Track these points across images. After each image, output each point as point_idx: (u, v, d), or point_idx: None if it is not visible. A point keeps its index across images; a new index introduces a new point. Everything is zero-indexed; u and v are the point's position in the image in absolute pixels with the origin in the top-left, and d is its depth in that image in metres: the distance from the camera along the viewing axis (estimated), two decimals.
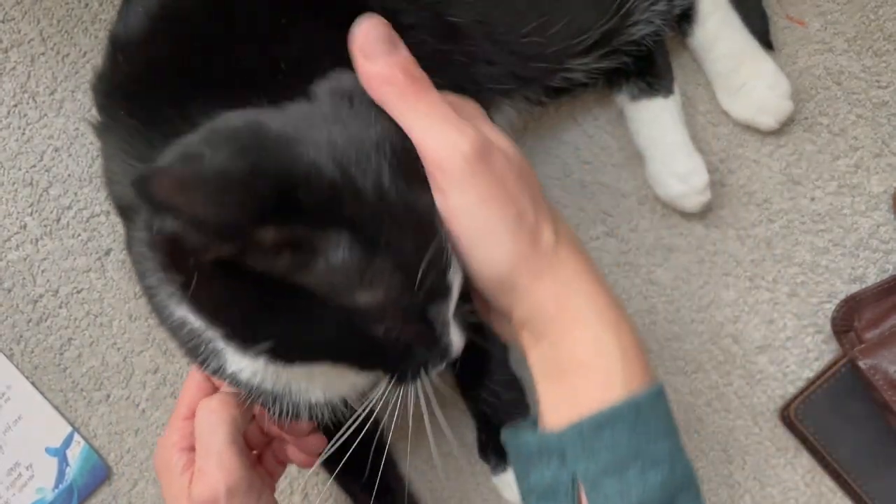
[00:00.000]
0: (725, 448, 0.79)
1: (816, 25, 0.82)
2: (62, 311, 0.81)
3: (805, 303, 0.80)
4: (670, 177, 0.77)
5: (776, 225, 0.80)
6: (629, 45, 0.75)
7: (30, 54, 0.84)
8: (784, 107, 0.78)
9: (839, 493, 0.77)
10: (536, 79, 0.73)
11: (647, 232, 0.81)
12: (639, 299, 0.80)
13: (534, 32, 0.69)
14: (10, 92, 0.83)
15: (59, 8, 0.84)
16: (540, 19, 0.69)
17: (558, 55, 0.71)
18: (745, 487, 0.78)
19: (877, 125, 0.81)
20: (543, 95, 0.77)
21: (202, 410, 0.54)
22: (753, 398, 0.79)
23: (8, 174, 0.82)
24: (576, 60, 0.73)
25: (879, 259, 0.80)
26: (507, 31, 0.68)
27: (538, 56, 0.71)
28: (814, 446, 0.77)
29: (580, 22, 0.71)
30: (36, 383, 0.80)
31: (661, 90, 0.78)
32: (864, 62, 0.81)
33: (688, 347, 0.80)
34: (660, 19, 0.76)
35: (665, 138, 0.78)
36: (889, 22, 0.81)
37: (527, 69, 0.71)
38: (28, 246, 0.81)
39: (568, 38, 0.71)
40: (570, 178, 0.82)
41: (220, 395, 0.55)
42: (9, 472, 0.79)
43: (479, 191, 0.45)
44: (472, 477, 0.79)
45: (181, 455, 0.54)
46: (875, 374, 0.72)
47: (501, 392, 0.75)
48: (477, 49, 0.68)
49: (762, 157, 0.81)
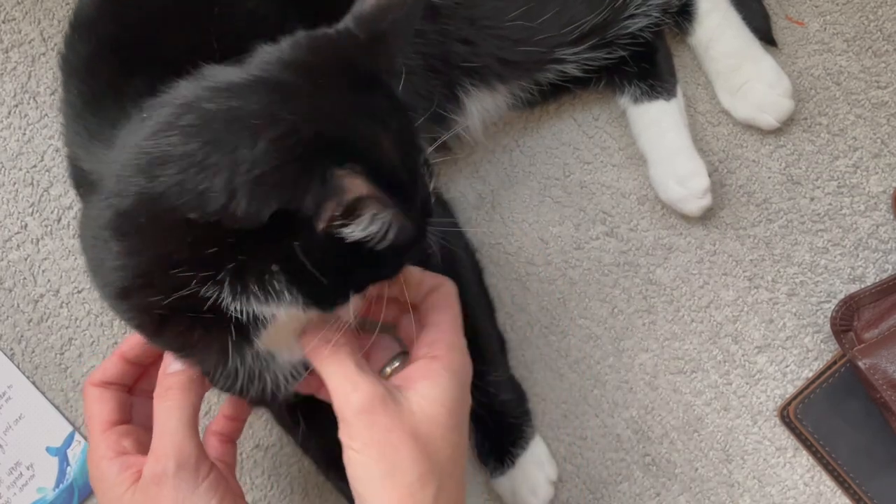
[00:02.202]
0: (725, 447, 0.79)
1: (816, 26, 0.82)
2: (63, 310, 0.81)
3: (804, 303, 0.80)
4: (670, 180, 0.77)
5: (775, 225, 0.81)
6: (625, 38, 0.75)
7: (30, 54, 0.84)
8: (785, 105, 0.78)
9: (838, 493, 0.78)
10: (524, 65, 0.74)
11: (647, 232, 0.81)
12: (639, 299, 0.81)
13: (520, 17, 0.70)
14: (11, 92, 0.83)
15: (59, 8, 0.84)
16: (528, 4, 0.70)
17: (547, 42, 0.72)
18: (745, 487, 0.78)
19: (876, 125, 0.81)
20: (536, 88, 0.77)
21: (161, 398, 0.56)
22: (753, 398, 0.79)
23: (9, 174, 0.82)
24: (566, 49, 0.73)
25: (878, 259, 0.80)
26: (491, 14, 0.70)
27: (524, 41, 0.71)
28: (813, 446, 0.77)
29: (572, 11, 0.72)
30: (37, 383, 0.80)
31: (664, 93, 0.78)
32: (863, 62, 0.81)
33: (687, 347, 0.80)
34: (657, 13, 0.76)
35: (666, 141, 0.78)
36: (888, 22, 0.82)
37: (513, 53, 0.72)
38: (29, 246, 0.81)
39: (558, 26, 0.72)
40: (570, 178, 0.82)
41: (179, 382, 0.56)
42: (10, 471, 0.79)
43: (362, 440, 0.52)
44: (472, 477, 0.79)
45: (111, 463, 0.56)
46: (874, 373, 0.73)
47: (497, 393, 0.74)
48: (453, 28, 0.69)
49: (762, 157, 0.81)
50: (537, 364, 0.80)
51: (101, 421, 0.58)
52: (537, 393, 0.80)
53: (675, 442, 0.79)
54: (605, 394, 0.80)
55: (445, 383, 0.55)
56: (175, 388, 0.56)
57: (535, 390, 0.80)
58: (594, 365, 0.80)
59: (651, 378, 0.80)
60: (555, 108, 0.83)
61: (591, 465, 0.79)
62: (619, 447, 0.79)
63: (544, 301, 0.81)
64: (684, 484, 0.79)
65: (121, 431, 0.58)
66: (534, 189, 0.82)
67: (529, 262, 0.82)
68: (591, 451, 0.79)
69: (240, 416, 0.66)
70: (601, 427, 0.80)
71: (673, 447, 0.79)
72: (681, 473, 0.79)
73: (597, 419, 0.80)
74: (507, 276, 0.82)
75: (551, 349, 0.80)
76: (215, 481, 0.55)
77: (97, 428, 0.58)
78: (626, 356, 0.80)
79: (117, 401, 0.60)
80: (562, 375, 0.80)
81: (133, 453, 0.57)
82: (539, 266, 0.81)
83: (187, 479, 0.54)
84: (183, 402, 0.56)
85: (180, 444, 0.54)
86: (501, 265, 0.82)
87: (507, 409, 0.75)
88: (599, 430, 0.80)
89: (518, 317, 0.81)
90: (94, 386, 0.60)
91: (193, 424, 0.56)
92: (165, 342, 0.56)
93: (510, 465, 0.74)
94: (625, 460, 0.79)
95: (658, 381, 0.80)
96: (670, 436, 0.79)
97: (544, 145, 0.83)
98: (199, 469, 0.54)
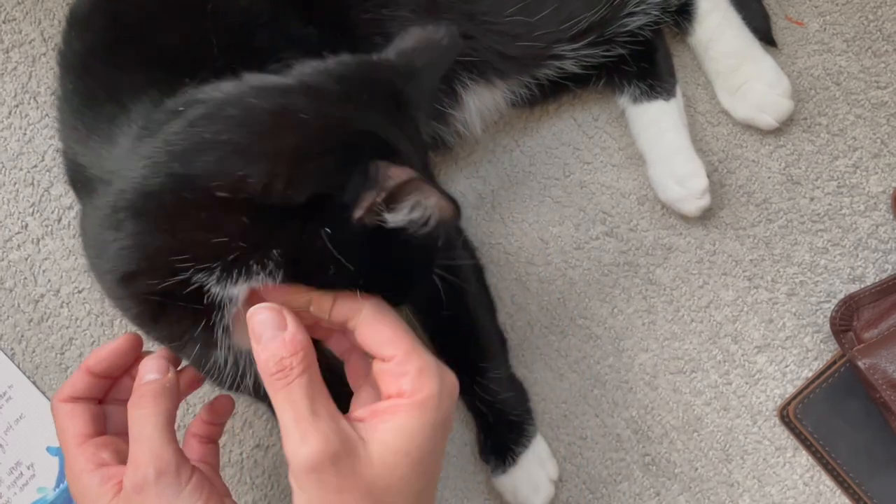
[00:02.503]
0: (724, 447, 0.79)
1: (815, 26, 0.82)
2: (63, 310, 0.81)
3: (804, 302, 0.80)
4: (669, 180, 0.78)
5: (775, 225, 0.81)
6: (624, 35, 0.75)
7: (31, 55, 0.84)
8: (784, 106, 0.79)
9: (838, 492, 0.78)
10: (522, 60, 0.74)
11: (647, 232, 0.81)
12: (638, 299, 0.81)
13: (519, 13, 0.71)
14: (12, 92, 0.83)
15: (60, 8, 0.84)
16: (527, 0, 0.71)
17: (545, 38, 0.73)
18: (744, 487, 0.78)
19: (876, 125, 0.81)
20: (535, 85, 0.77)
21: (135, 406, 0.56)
22: (752, 397, 0.79)
23: (9, 174, 0.82)
24: (565, 46, 0.73)
25: (878, 259, 0.80)
26: (490, 9, 0.71)
27: (523, 36, 0.72)
28: (813, 445, 0.77)
29: (571, 8, 0.72)
30: (37, 383, 0.80)
31: (663, 93, 0.78)
32: (862, 63, 0.82)
33: (687, 347, 0.80)
34: (656, 11, 0.76)
35: (665, 141, 0.78)
36: (888, 23, 0.82)
37: (511, 48, 0.72)
38: (29, 246, 0.81)
39: (556, 22, 0.72)
40: (570, 178, 0.82)
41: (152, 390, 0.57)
42: (10, 471, 0.79)
43: (309, 497, 0.49)
44: (472, 476, 0.79)
45: (91, 476, 0.56)
46: (874, 373, 0.73)
47: (498, 391, 0.74)
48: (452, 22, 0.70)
49: (761, 157, 0.81)
50: (537, 364, 0.80)
51: (76, 435, 0.58)
52: (537, 393, 0.80)
53: (674, 442, 0.79)
54: (605, 394, 0.80)
55: (413, 427, 0.50)
56: (148, 395, 0.56)
57: (535, 390, 0.80)
58: (594, 365, 0.80)
59: (651, 378, 0.80)
60: (555, 108, 0.83)
61: (591, 464, 0.79)
62: (619, 447, 0.79)
63: (544, 301, 0.81)
64: (684, 483, 0.79)
65: (98, 443, 0.58)
66: (534, 189, 0.82)
67: (529, 262, 0.82)
68: (591, 450, 0.79)
69: (217, 420, 0.66)
70: (601, 427, 0.80)
71: (673, 447, 0.79)
72: (680, 473, 0.79)
73: (597, 419, 0.80)
74: (507, 276, 0.82)
75: (551, 349, 0.81)
76: (198, 484, 0.54)
77: (72, 442, 0.58)
78: (626, 356, 0.80)
79: (89, 413, 0.59)
80: (562, 375, 0.80)
81: (113, 464, 0.56)
82: (539, 266, 0.82)
83: (169, 484, 0.53)
84: (157, 409, 0.55)
85: (158, 451, 0.54)
86: (501, 265, 0.82)
87: (509, 406, 0.75)
88: (599, 430, 0.80)
89: (518, 317, 0.81)
90: (62, 402, 0.59)
91: (170, 430, 0.55)
92: (161, 332, 0.56)
93: (512, 463, 0.74)
94: (624, 460, 0.79)
95: (658, 381, 0.80)
96: (670, 435, 0.79)
97: (544, 145, 0.83)
98: (181, 473, 0.54)
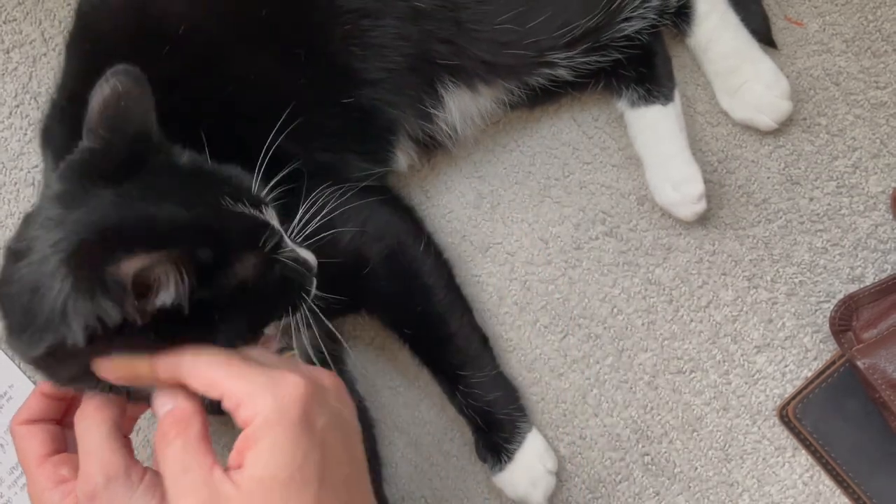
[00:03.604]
0: (724, 447, 0.79)
1: (815, 26, 0.82)
2: None
3: (803, 302, 0.80)
4: (666, 184, 0.77)
5: (775, 225, 0.81)
6: (620, 40, 0.74)
7: (31, 55, 0.84)
8: (783, 107, 0.79)
9: (837, 492, 0.78)
10: (511, 68, 0.73)
11: (647, 232, 0.81)
12: (638, 299, 0.81)
13: (511, 21, 0.69)
14: (12, 93, 0.83)
15: (60, 9, 0.84)
16: (519, 8, 0.69)
17: (537, 46, 0.71)
18: (744, 486, 0.78)
19: (875, 126, 0.81)
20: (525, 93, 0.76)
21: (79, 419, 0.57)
22: (752, 397, 0.79)
23: (10, 174, 0.83)
24: (558, 53, 0.72)
25: (878, 259, 0.80)
26: (479, 17, 0.69)
27: (513, 43, 0.71)
28: (812, 445, 0.77)
29: (566, 15, 0.71)
30: (37, 383, 0.80)
31: (661, 97, 0.78)
32: (862, 63, 0.82)
33: (687, 347, 0.80)
34: (653, 15, 0.75)
35: (662, 146, 0.78)
36: (887, 23, 0.82)
37: (500, 56, 0.71)
38: None
39: (550, 29, 0.71)
40: (570, 178, 0.83)
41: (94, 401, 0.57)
42: (10, 470, 0.79)
43: None
44: (472, 476, 0.79)
45: (52, 493, 0.57)
46: (873, 373, 0.73)
47: (483, 394, 0.74)
48: (435, 29, 0.69)
49: (761, 157, 0.81)
50: (537, 364, 0.81)
51: (35, 456, 0.58)
52: (537, 393, 0.80)
53: (674, 441, 0.79)
54: (605, 393, 0.80)
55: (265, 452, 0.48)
56: (90, 406, 0.57)
57: (534, 390, 0.80)
58: (594, 365, 0.80)
59: (651, 378, 0.80)
60: (554, 109, 0.83)
61: (591, 464, 0.79)
62: (619, 447, 0.79)
63: (544, 301, 0.81)
64: (684, 483, 0.79)
65: (56, 461, 0.58)
66: (534, 189, 0.83)
67: (529, 262, 0.82)
68: (590, 450, 0.80)
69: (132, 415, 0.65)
70: (601, 427, 0.80)
71: (672, 447, 0.79)
72: (680, 473, 0.79)
73: (597, 419, 0.80)
74: (507, 276, 0.82)
75: (551, 349, 0.81)
76: (151, 483, 0.54)
77: (32, 463, 0.58)
78: (625, 356, 0.80)
79: (47, 433, 0.60)
80: (562, 375, 0.80)
81: (72, 479, 0.57)
82: (539, 266, 0.82)
83: (120, 487, 0.54)
84: (101, 418, 0.56)
85: (106, 458, 0.54)
86: (501, 265, 0.82)
87: (498, 406, 0.75)
88: (599, 430, 0.80)
89: (518, 317, 0.81)
90: (19, 426, 0.60)
91: (117, 437, 0.56)
92: None
93: (508, 460, 0.75)
94: (624, 460, 0.79)
95: (658, 381, 0.80)
96: (670, 435, 0.79)
97: (544, 145, 0.83)
98: (131, 476, 0.54)
